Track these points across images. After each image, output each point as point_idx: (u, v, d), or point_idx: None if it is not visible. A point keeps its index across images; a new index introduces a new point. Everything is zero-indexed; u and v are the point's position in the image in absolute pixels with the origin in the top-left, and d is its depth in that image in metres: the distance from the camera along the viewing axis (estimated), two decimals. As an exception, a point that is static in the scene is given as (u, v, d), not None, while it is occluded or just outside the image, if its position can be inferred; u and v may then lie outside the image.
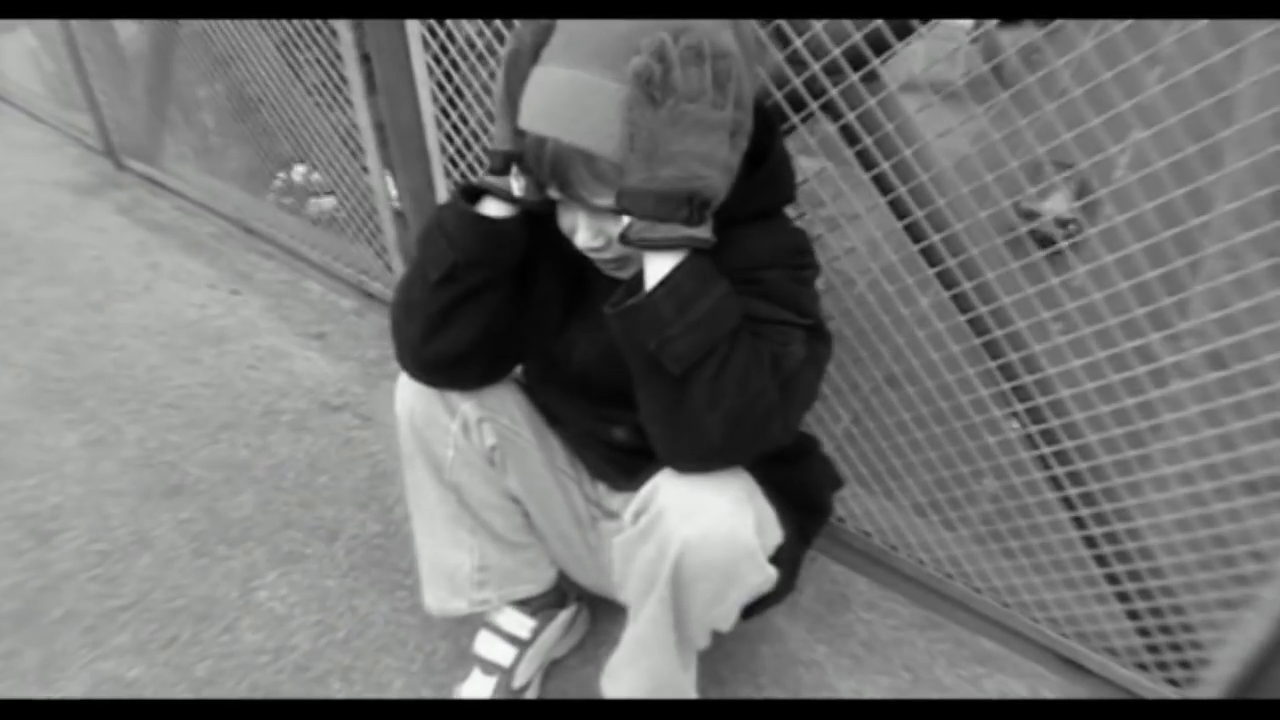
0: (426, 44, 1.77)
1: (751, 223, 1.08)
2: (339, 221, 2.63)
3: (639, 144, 0.92)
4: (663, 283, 0.97)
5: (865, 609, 1.72)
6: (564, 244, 1.12)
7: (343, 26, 1.97)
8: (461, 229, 1.12)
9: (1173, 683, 1.46)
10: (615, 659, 1.29)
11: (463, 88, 1.77)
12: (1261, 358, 1.10)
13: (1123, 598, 1.45)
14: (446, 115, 1.86)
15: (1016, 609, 1.57)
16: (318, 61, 2.22)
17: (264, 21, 2.34)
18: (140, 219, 3.21)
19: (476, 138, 1.84)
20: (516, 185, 1.09)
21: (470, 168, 1.91)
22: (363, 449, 2.11)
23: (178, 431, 2.16)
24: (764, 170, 1.09)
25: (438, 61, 1.77)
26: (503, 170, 1.08)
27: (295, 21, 2.22)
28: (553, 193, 1.05)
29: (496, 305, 1.18)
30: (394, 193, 2.26)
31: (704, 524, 1.03)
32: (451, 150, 1.91)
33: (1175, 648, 1.43)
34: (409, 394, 1.29)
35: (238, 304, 2.70)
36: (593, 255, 1.10)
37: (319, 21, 2.12)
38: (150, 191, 3.37)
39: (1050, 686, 1.57)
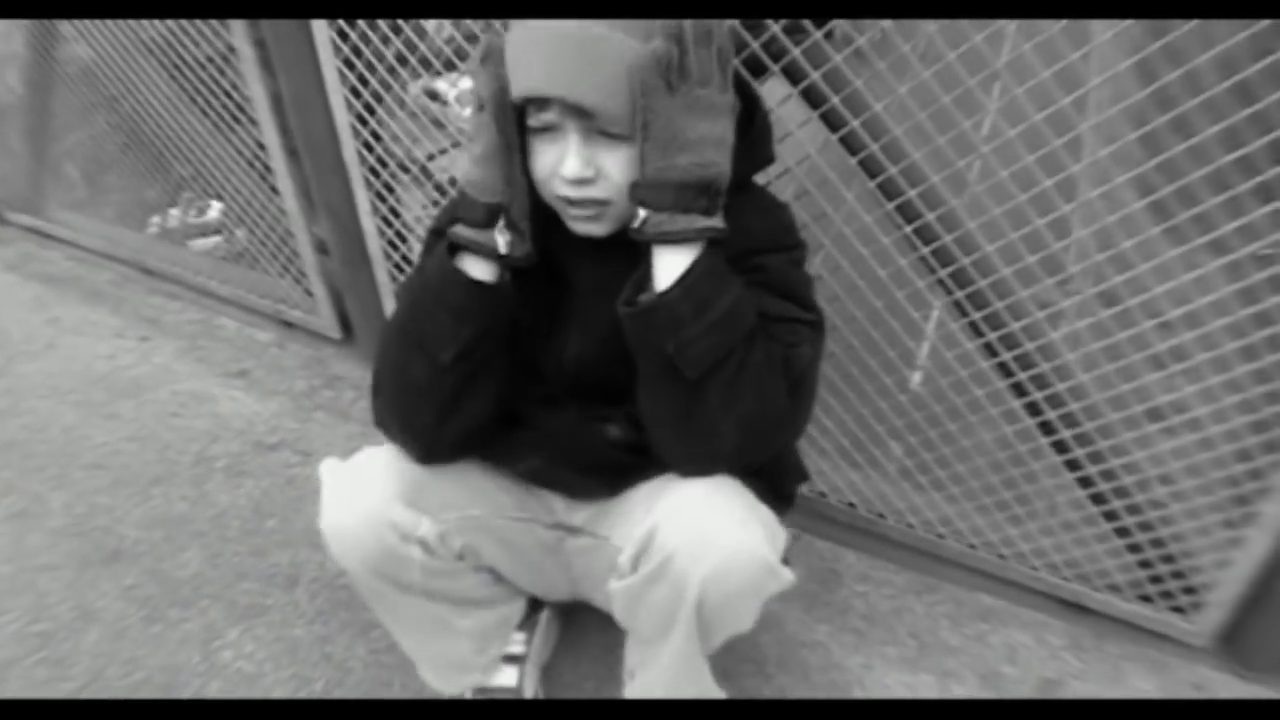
0: (337, 48, 1.66)
1: (741, 195, 1.03)
2: (250, 252, 2.49)
3: (655, 131, 0.89)
4: (679, 281, 0.93)
5: (858, 582, 1.68)
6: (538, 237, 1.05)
7: (242, 41, 1.85)
8: (468, 301, 1.03)
9: (1178, 610, 1.46)
10: (642, 690, 1.25)
11: (380, 91, 1.67)
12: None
13: (1122, 532, 1.44)
14: (364, 122, 1.75)
15: (1014, 559, 1.56)
16: (215, 81, 2.09)
17: (153, 50, 2.19)
18: (32, 274, 3.00)
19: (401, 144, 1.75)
20: (503, 241, 1.01)
21: (394, 175, 1.82)
22: (307, 486, 1.99)
23: (106, 493, 2.00)
24: (753, 131, 1.05)
25: (350, 66, 1.66)
26: (487, 223, 1.00)
27: (188, 50, 2.09)
28: (548, 116, 0.96)
29: (505, 363, 1.10)
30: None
31: (719, 557, 0.99)
32: (372, 159, 1.81)
33: (1178, 575, 1.42)
34: (353, 534, 1.14)
35: (149, 351, 2.53)
36: (574, 194, 0.99)
37: (214, 40, 2.00)
38: (39, 244, 3.15)
39: (1055, 633, 1.56)
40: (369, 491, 1.13)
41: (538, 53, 0.91)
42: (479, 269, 1.03)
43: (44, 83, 2.75)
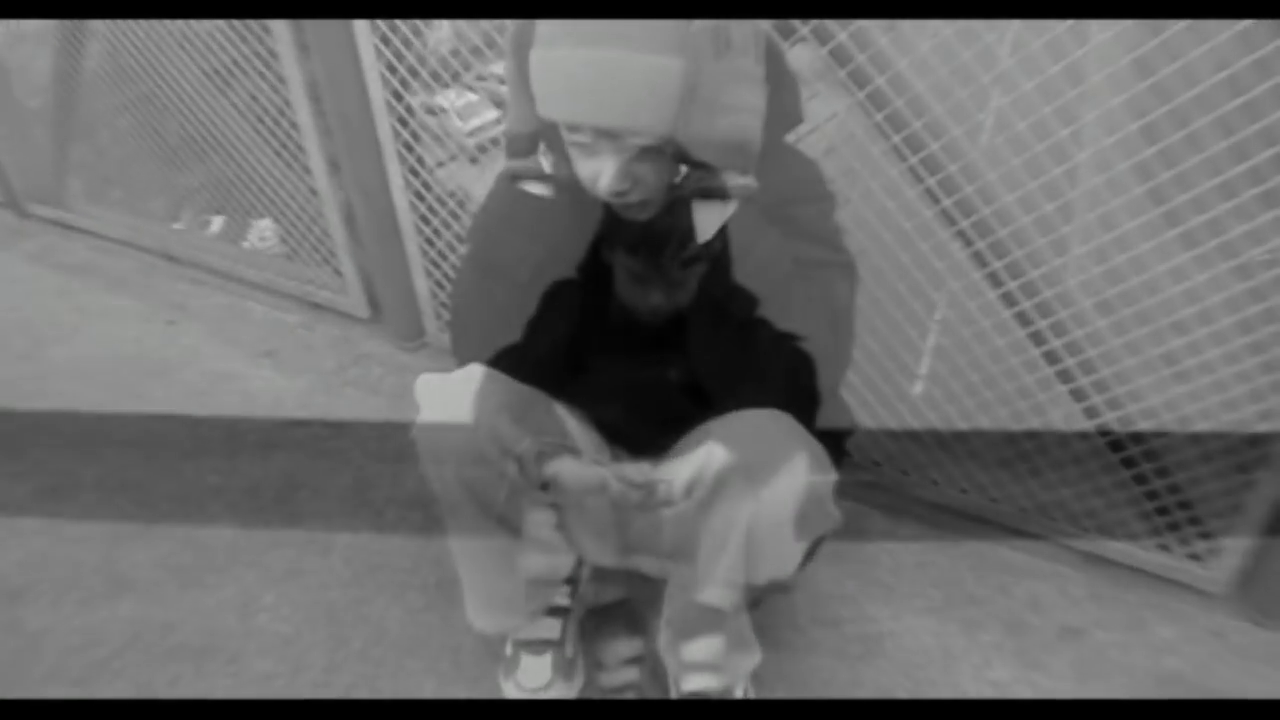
0: (374, 25, 1.71)
1: (771, 155, 1.08)
2: (277, 236, 2.54)
3: (702, 94, 0.94)
4: (724, 231, 1.00)
5: (884, 538, 1.72)
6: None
7: (279, 24, 1.90)
8: (535, 219, 1.09)
9: (1194, 557, 1.51)
10: (681, 629, 1.26)
11: (417, 67, 1.72)
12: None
13: (1139, 479, 1.48)
14: (399, 98, 1.81)
15: (1034, 512, 1.60)
16: (249, 61, 2.15)
17: (184, 42, 2.25)
18: (56, 264, 3.04)
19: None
20: (547, 163, 1.07)
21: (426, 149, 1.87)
22: (340, 458, 2.03)
23: (138, 468, 2.03)
24: (782, 94, 1.09)
25: (386, 43, 1.72)
26: (529, 151, 1.07)
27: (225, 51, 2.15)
28: (580, 137, 1.01)
29: (574, 295, 1.15)
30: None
31: (769, 483, 1.04)
32: (406, 135, 1.86)
33: (1194, 520, 1.47)
34: (453, 438, 1.14)
35: (176, 333, 2.57)
36: (616, 200, 1.05)
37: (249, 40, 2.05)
38: (62, 236, 3.19)
39: (1076, 583, 1.60)
40: (478, 400, 1.14)
41: (559, 82, 0.97)
42: (536, 190, 1.09)
43: (70, 73, 2.80)
